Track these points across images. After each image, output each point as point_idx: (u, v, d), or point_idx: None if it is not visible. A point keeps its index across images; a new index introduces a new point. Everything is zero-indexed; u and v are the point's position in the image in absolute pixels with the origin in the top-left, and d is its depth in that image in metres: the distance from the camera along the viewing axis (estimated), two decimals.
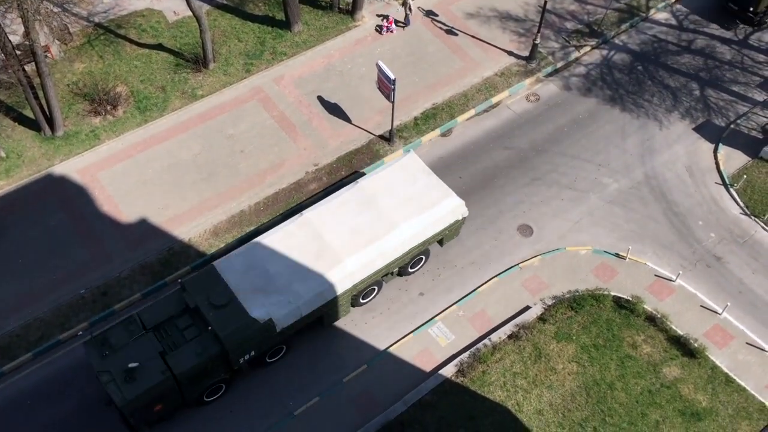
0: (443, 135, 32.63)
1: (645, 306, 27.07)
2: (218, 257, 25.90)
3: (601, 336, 26.54)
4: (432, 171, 27.42)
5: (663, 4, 37.76)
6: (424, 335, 26.86)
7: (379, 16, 36.29)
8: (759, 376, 25.83)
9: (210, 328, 23.27)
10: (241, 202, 30.06)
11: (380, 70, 29.21)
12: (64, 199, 29.84)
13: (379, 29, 35.71)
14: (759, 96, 34.09)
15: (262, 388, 25.63)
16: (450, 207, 26.58)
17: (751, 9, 34.36)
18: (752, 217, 29.96)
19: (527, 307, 27.41)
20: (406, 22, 35.81)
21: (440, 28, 36.30)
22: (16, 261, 28.14)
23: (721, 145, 32.23)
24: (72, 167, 30.82)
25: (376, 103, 32.96)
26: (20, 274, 27.81)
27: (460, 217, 27.04)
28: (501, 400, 25.10)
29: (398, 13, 36.57)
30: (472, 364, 25.69)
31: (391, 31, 35.60)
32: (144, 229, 29.15)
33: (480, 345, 26.27)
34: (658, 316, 26.84)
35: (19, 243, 28.58)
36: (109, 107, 32.25)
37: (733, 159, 31.82)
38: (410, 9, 35.15)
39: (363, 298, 26.86)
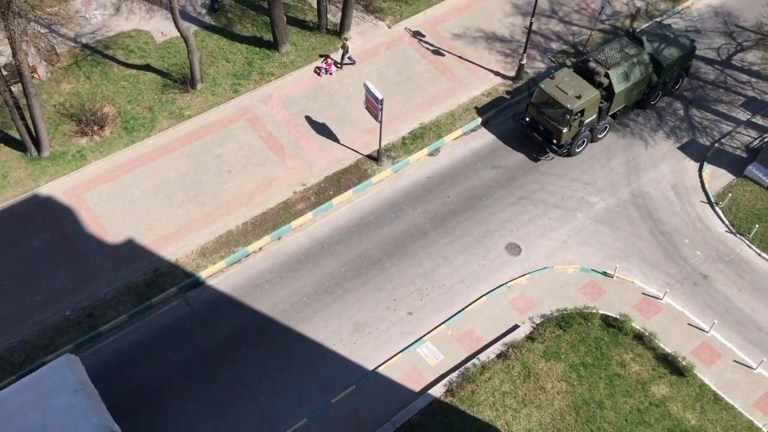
0: (431, 154, 32.73)
1: (633, 324, 27.11)
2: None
3: (590, 354, 26.54)
4: (87, 383, 21.78)
5: (647, 25, 38.18)
6: (412, 355, 26.76)
7: (321, 56, 35.59)
8: (747, 394, 25.87)
9: None
10: (228, 222, 29.97)
11: (368, 90, 29.34)
12: (49, 219, 29.65)
13: (317, 71, 35.06)
14: (742, 115, 34.47)
15: (250, 409, 25.40)
16: None
17: (554, 141, 31.12)
18: (738, 235, 30.16)
19: (516, 326, 27.40)
20: (348, 62, 35.14)
21: (427, 48, 36.56)
22: (0, 282, 27.87)
23: (705, 163, 32.51)
24: (58, 188, 30.66)
25: (363, 123, 33.06)
26: (4, 296, 27.54)
27: None
28: (490, 419, 24.99)
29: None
30: (461, 384, 25.59)
31: (330, 74, 34.89)
32: (130, 249, 28.98)
33: (469, 364, 26.20)
34: (646, 334, 26.88)
35: (3, 264, 28.33)
36: (96, 128, 32.17)
37: (717, 177, 32.09)
38: (347, 50, 34.55)
39: None
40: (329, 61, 34.98)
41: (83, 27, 36.24)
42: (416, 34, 37.19)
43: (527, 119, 32.01)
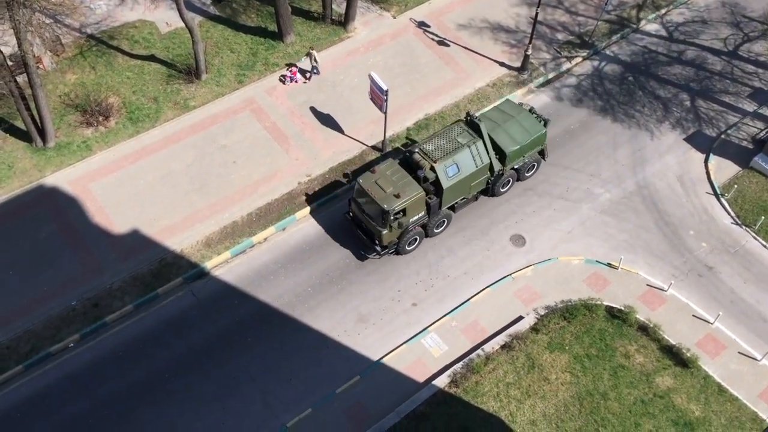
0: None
1: (637, 316, 27.10)
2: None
3: (594, 346, 26.55)
4: None
5: (653, 15, 38.05)
6: (417, 346, 26.80)
7: (287, 65, 34.79)
8: (751, 386, 25.86)
9: None
10: (233, 212, 30.00)
11: (372, 80, 29.27)
12: (55, 210, 29.72)
13: (282, 79, 34.29)
14: (749, 106, 34.31)
15: (255, 399, 25.50)
16: None
17: (377, 242, 27.80)
18: (743, 227, 30.08)
19: (520, 318, 27.41)
20: (314, 72, 34.21)
21: (432, 39, 36.44)
22: (6, 272, 27.98)
23: (711, 155, 32.40)
24: (63, 178, 30.72)
25: (368, 113, 33.01)
26: (10, 286, 27.64)
27: None
28: (494, 410, 25.05)
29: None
30: (466, 375, 25.64)
31: (295, 81, 34.13)
32: (135, 240, 29.04)
33: (473, 355, 26.23)
34: (651, 325, 26.88)
35: (9, 254, 28.42)
36: (101, 118, 32.20)
37: (723, 169, 31.98)
38: (315, 60, 33.58)
39: None
40: (294, 69, 34.32)
41: (88, 17, 36.20)
42: (421, 25, 37.08)
43: (350, 214, 28.80)
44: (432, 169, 27.47)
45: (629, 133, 33.25)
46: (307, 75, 34.42)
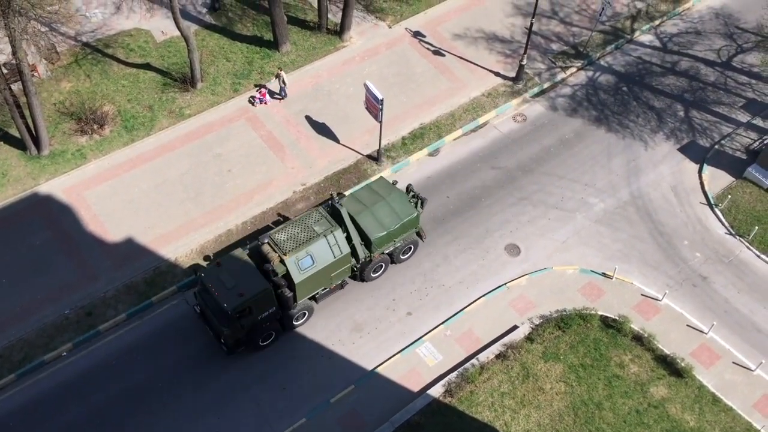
0: (431, 155, 32.73)
1: (632, 325, 27.12)
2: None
3: (589, 355, 26.55)
4: None
5: (647, 26, 38.26)
6: (412, 355, 26.76)
7: (256, 86, 34.41)
8: (745, 396, 25.88)
9: None
10: (228, 221, 29.96)
11: (368, 90, 29.33)
12: (49, 218, 29.64)
13: (251, 101, 33.89)
14: (742, 117, 34.49)
15: (249, 408, 25.39)
16: None
17: (222, 340, 25.21)
18: (737, 237, 30.17)
19: (515, 327, 27.40)
20: (282, 94, 33.81)
21: (427, 48, 36.56)
22: None
23: (705, 165, 32.53)
24: (58, 186, 30.65)
25: (363, 122, 33.06)
26: (4, 294, 27.52)
27: None
28: (489, 420, 25.00)
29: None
30: (460, 384, 25.60)
31: (265, 103, 33.74)
32: (130, 248, 28.97)
33: (468, 365, 26.20)
34: (645, 335, 26.90)
35: (3, 262, 28.32)
36: (95, 126, 32.17)
37: (717, 179, 32.11)
38: (284, 81, 33.21)
39: None
40: (263, 90, 33.95)
41: (83, 25, 36.23)
42: (417, 34, 37.19)
43: (198, 308, 26.15)
44: (282, 261, 25.03)
45: (623, 143, 33.37)
46: (276, 96, 34.04)
